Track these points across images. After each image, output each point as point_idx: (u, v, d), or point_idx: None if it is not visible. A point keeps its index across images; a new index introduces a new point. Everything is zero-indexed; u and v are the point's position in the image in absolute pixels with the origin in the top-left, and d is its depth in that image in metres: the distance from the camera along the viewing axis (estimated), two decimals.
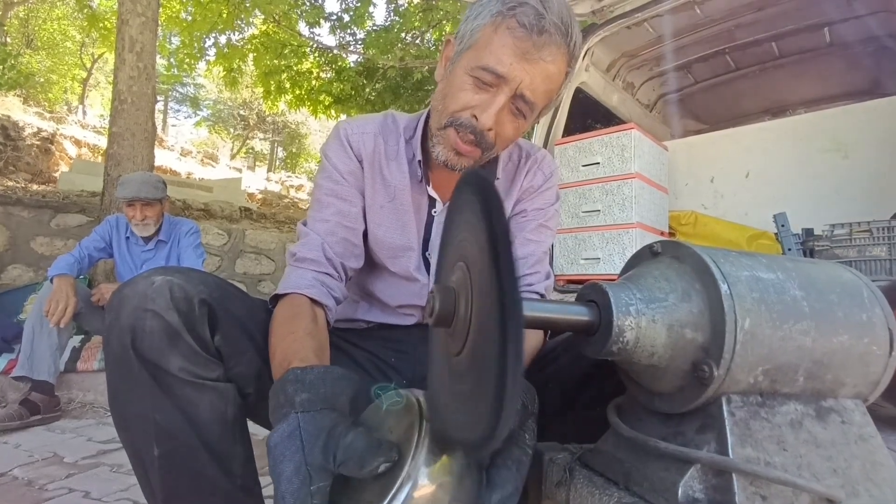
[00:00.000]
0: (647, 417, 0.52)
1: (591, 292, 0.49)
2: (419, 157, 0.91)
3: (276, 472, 0.52)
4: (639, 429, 0.51)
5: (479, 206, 0.42)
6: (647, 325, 0.46)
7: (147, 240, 2.69)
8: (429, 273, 0.95)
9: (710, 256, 0.47)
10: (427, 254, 0.95)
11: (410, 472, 0.47)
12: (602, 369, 0.70)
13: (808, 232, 2.20)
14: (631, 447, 0.50)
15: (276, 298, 0.83)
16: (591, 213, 2.50)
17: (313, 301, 0.82)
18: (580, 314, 0.48)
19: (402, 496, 0.47)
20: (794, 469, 0.43)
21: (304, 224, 0.91)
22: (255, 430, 0.79)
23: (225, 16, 7.12)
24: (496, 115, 0.77)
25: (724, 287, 0.44)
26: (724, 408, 0.44)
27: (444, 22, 7.42)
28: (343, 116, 7.97)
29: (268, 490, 1.02)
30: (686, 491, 0.42)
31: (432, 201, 0.94)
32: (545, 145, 2.71)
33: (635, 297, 0.47)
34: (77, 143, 9.06)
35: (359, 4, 7.86)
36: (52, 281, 2.33)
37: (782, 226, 2.03)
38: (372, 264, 0.97)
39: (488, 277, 0.39)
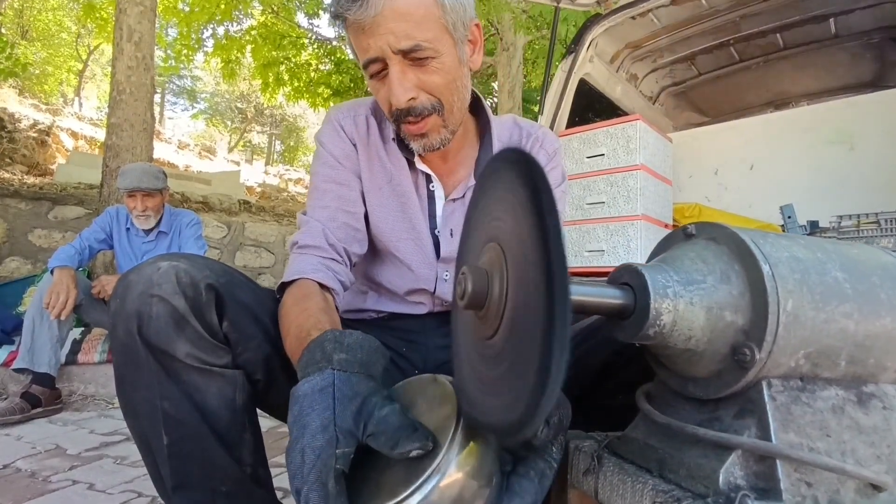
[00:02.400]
0: (680, 403, 0.51)
1: (624, 274, 0.48)
2: (394, 135, 0.90)
3: (300, 423, 0.49)
4: (670, 415, 0.49)
5: (520, 183, 0.40)
6: (685, 307, 0.44)
7: (148, 231, 2.67)
8: (438, 252, 0.92)
9: (749, 237, 0.45)
10: (436, 231, 0.92)
11: (441, 466, 0.46)
12: (625, 355, 0.69)
13: (814, 224, 2.19)
14: (664, 434, 0.49)
15: (283, 287, 0.82)
16: (595, 204, 2.48)
17: (321, 286, 0.81)
18: (614, 297, 0.46)
19: (427, 488, 0.45)
20: (837, 455, 0.41)
21: (304, 213, 0.90)
22: (261, 423, 0.78)
23: (223, 6, 7.05)
24: (401, 87, 0.75)
25: (765, 268, 0.43)
26: (765, 392, 0.43)
27: None
28: None
29: (276, 482, 1.00)
30: (727, 478, 0.41)
31: (428, 178, 0.92)
32: None
33: (672, 279, 0.45)
34: (73, 135, 8.99)
35: None
36: (52, 273, 2.31)
37: (789, 217, 2.02)
38: (375, 252, 0.95)
39: (533, 258, 0.37)
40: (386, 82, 0.76)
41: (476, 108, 0.94)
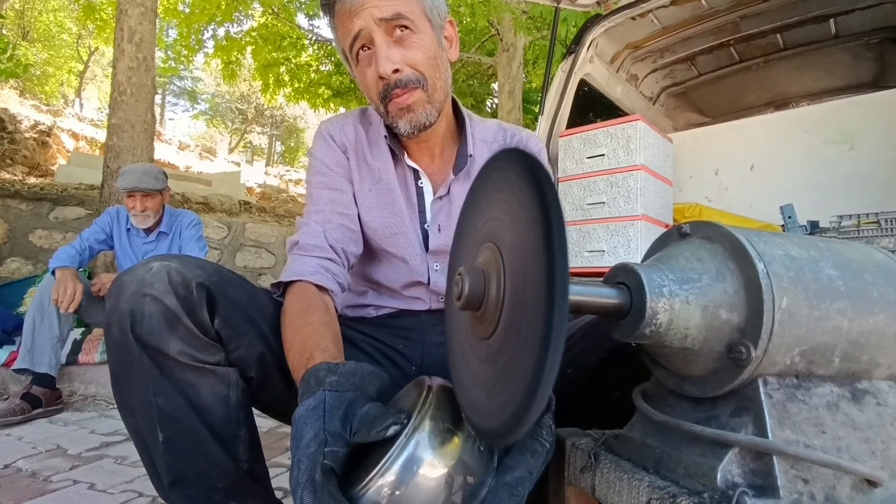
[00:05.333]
0: (676, 402, 0.51)
1: (620, 274, 0.48)
2: (384, 132, 0.93)
3: (297, 439, 0.52)
4: (667, 414, 0.50)
5: (524, 184, 0.40)
6: (681, 306, 0.44)
7: (148, 231, 2.67)
8: (427, 246, 0.95)
9: (743, 235, 0.46)
10: (426, 225, 0.95)
11: (413, 429, 0.48)
12: (621, 354, 0.70)
13: (814, 224, 2.19)
14: (661, 432, 0.49)
15: (279, 286, 0.84)
16: (595, 205, 2.48)
17: (319, 288, 0.82)
18: (610, 296, 0.46)
19: (403, 455, 0.48)
20: (833, 451, 0.42)
21: (301, 217, 0.93)
22: (261, 424, 0.78)
23: (223, 7, 7.06)
24: (387, 58, 0.80)
25: (760, 266, 0.43)
26: (761, 390, 0.43)
27: None
28: (342, 110, 7.94)
29: (276, 482, 1.01)
30: (725, 475, 0.41)
31: (416, 174, 0.95)
32: (549, 136, 2.70)
33: (668, 278, 0.46)
34: (74, 136, 8.99)
35: None
36: (53, 273, 2.32)
37: (789, 217, 2.02)
38: (371, 252, 0.97)
39: (534, 260, 0.37)
40: (372, 62, 0.82)
41: (454, 110, 0.98)
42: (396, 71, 0.80)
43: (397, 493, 0.47)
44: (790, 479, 0.39)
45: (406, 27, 0.80)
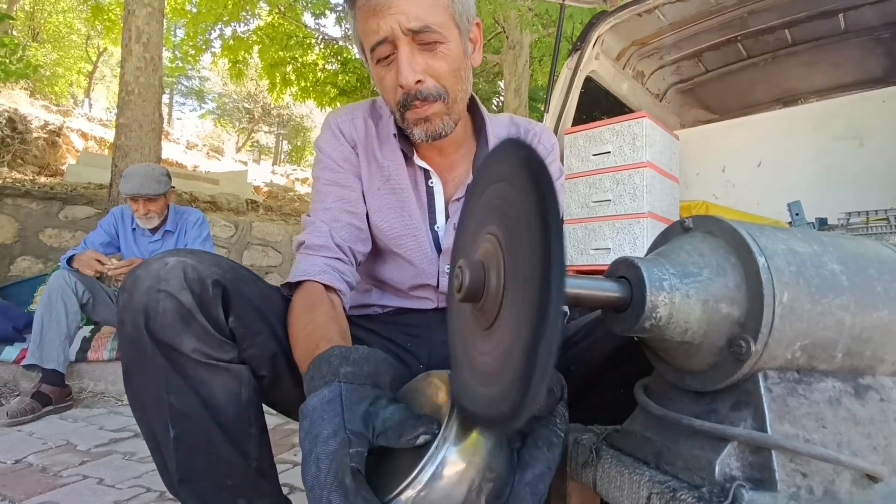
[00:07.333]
0: (677, 396, 0.51)
1: (621, 268, 0.48)
2: (394, 130, 0.91)
3: (312, 434, 0.50)
4: (668, 408, 0.50)
5: (521, 175, 0.40)
6: (682, 300, 0.44)
7: (154, 230, 2.69)
8: (439, 249, 0.93)
9: (745, 230, 0.46)
10: (436, 227, 0.93)
11: (444, 439, 0.48)
12: (625, 351, 0.69)
13: (822, 221, 2.17)
14: (661, 426, 0.49)
15: (288, 286, 0.83)
16: (601, 202, 2.47)
17: (327, 287, 0.82)
18: (611, 290, 0.47)
19: (434, 464, 0.47)
20: (833, 446, 0.41)
21: (308, 216, 0.91)
22: (267, 421, 0.79)
23: (230, 7, 7.09)
24: (410, 67, 0.76)
25: (761, 260, 0.43)
26: (761, 384, 0.43)
27: None
28: None
29: (282, 478, 1.02)
30: (723, 469, 0.41)
31: (427, 173, 0.93)
32: (555, 134, 2.69)
33: (668, 272, 0.45)
34: (84, 136, 9.07)
35: None
36: (68, 262, 2.41)
37: (796, 214, 2.00)
38: (377, 250, 0.96)
39: (532, 250, 0.37)
40: (393, 67, 0.78)
41: (471, 106, 0.95)
42: (418, 81, 0.78)
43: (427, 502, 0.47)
44: (788, 473, 0.39)
45: (434, 41, 0.77)
